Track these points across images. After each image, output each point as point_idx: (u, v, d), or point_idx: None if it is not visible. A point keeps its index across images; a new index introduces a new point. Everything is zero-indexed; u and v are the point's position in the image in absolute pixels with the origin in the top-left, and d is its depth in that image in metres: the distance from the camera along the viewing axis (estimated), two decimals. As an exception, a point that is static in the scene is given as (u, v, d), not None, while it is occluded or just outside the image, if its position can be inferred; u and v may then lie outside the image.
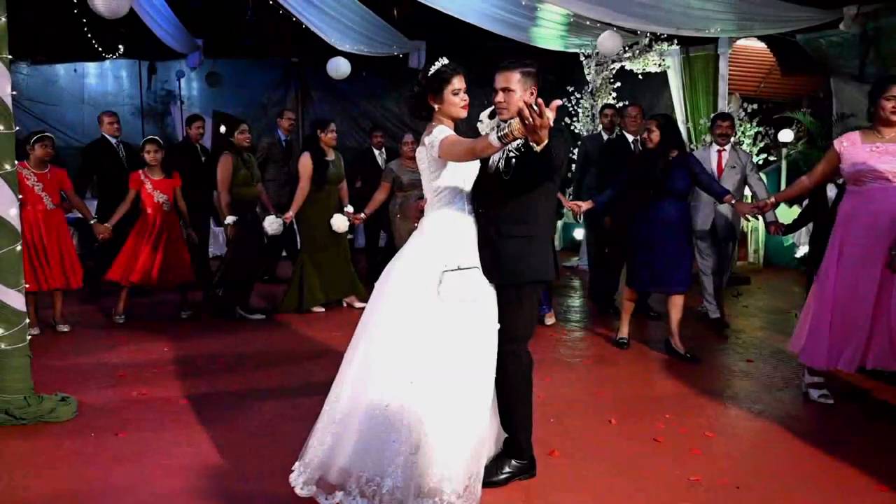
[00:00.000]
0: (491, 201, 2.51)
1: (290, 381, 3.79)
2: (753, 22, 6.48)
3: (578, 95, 7.71)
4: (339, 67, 7.81)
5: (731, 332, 4.85)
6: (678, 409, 3.35)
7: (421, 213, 2.64)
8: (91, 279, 5.55)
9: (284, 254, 6.72)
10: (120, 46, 7.90)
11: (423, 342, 2.31)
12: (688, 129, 7.32)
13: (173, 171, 5.09)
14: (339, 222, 5.17)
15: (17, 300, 3.20)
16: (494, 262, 2.46)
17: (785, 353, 4.33)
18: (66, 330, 4.80)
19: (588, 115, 7.64)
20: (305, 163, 5.06)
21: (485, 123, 2.68)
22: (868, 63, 6.58)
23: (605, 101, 7.51)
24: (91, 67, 9.67)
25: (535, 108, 1.98)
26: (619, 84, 7.59)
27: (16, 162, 4.43)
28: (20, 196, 4.38)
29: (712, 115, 5.85)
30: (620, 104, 7.63)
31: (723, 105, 7.00)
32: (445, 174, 2.46)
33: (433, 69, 2.47)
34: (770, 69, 8.18)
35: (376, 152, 6.75)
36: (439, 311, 2.34)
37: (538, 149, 2.14)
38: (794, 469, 2.73)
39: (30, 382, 3.24)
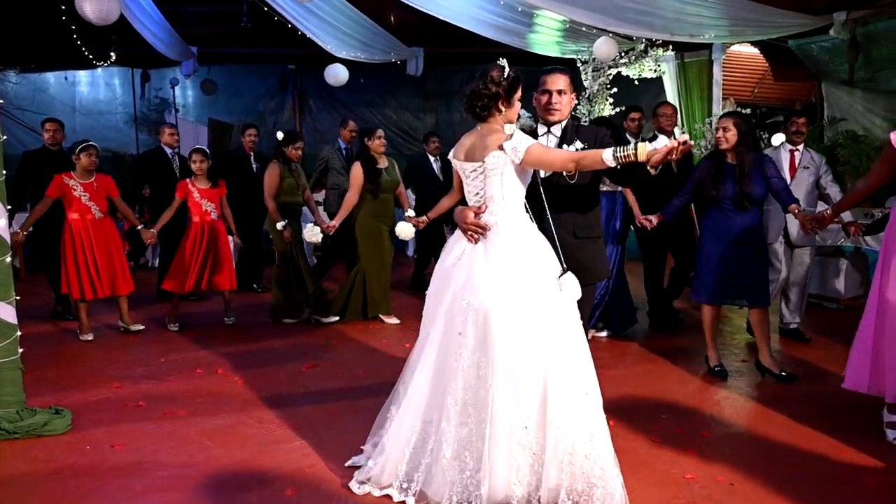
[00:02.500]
0: (561, 206, 2.64)
1: (290, 389, 3.76)
2: (746, 28, 6.54)
3: (576, 101, 7.73)
4: (337, 74, 7.78)
5: (727, 333, 4.86)
6: (674, 410, 3.38)
7: (475, 217, 2.49)
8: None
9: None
10: (112, 54, 7.85)
11: (579, 352, 2.38)
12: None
13: (220, 179, 5.20)
14: (404, 230, 5.07)
15: (7, 313, 3.15)
16: (575, 263, 2.53)
17: (778, 354, 4.34)
18: (140, 329, 4.97)
19: (585, 122, 7.66)
20: (356, 173, 5.01)
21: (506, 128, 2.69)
22: (858, 68, 6.66)
23: (602, 106, 7.53)
24: (82, 75, 9.61)
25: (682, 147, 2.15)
26: (615, 90, 7.63)
27: (62, 173, 4.66)
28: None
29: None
30: (618, 109, 7.68)
31: (717, 110, 7.05)
32: (520, 180, 2.49)
33: (508, 73, 2.45)
34: (763, 74, 8.26)
35: (431, 159, 6.57)
36: (565, 318, 2.40)
37: (654, 172, 2.29)
38: (787, 466, 2.76)
39: (22, 396, 3.19)
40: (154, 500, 2.53)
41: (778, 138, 7.04)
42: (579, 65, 7.74)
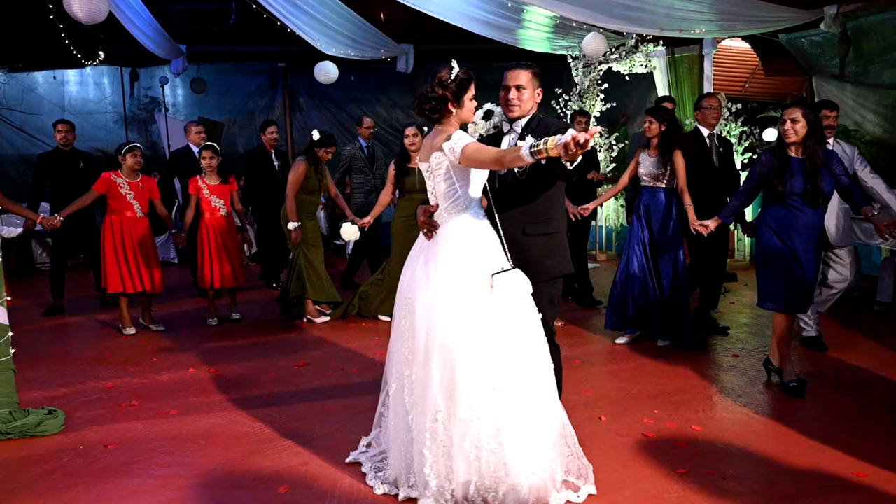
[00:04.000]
0: (510, 203, 2.59)
1: (283, 387, 3.76)
2: (736, 22, 6.54)
3: (567, 97, 7.74)
4: (328, 72, 7.75)
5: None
6: (666, 405, 3.40)
7: (429, 217, 2.56)
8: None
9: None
10: (100, 53, 7.79)
11: (493, 348, 2.37)
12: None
13: (231, 175, 5.26)
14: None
15: (-1, 313, 3.14)
16: (523, 261, 2.53)
17: (770, 349, 4.36)
18: (161, 329, 5.02)
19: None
20: (389, 171, 5.02)
21: (478, 125, 2.68)
22: (848, 62, 6.67)
23: (592, 102, 7.53)
24: (71, 75, 9.54)
25: (581, 141, 1.99)
26: (606, 85, 7.64)
27: (110, 171, 4.81)
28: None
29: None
30: (609, 105, 7.68)
31: (708, 105, 7.05)
32: (462, 179, 2.48)
33: (456, 74, 2.45)
34: (754, 69, 8.28)
35: None
36: (497, 315, 2.39)
37: (570, 167, 2.21)
38: (777, 459, 2.78)
39: (15, 396, 3.18)
40: (148, 499, 2.53)
41: (770, 133, 7.08)
42: (570, 61, 7.74)
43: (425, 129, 5.22)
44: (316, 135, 5.09)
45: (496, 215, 2.58)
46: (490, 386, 2.33)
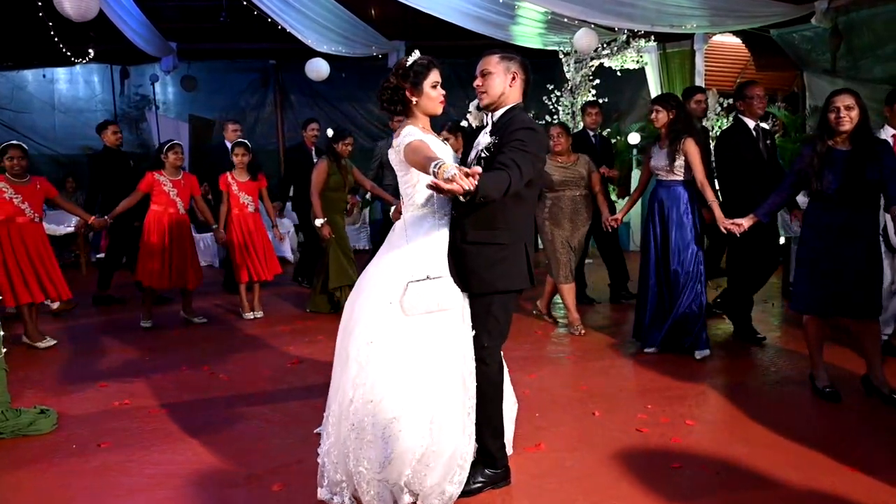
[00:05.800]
0: (458, 203, 2.31)
1: (276, 385, 3.75)
2: (727, 18, 6.58)
3: (559, 93, 7.75)
4: (319, 69, 7.74)
5: (711, 323, 4.87)
6: (659, 400, 3.40)
7: (396, 211, 2.58)
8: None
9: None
10: (90, 50, 7.74)
11: (393, 356, 2.27)
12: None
13: (259, 172, 5.33)
14: None
15: (-9, 312, 3.13)
16: (460, 269, 2.36)
17: (762, 344, 4.39)
18: (203, 321, 5.16)
19: (568, 113, 7.67)
20: None
21: (472, 115, 2.66)
22: (839, 57, 6.71)
23: (584, 98, 7.54)
24: (61, 73, 9.48)
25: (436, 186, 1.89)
26: (598, 81, 7.65)
27: (153, 170, 4.91)
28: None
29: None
30: (601, 101, 7.70)
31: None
32: (417, 176, 2.34)
33: (411, 61, 2.38)
34: (745, 64, 8.32)
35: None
36: (408, 322, 2.29)
37: (463, 199, 1.96)
38: (769, 454, 2.79)
39: (7, 396, 3.16)
40: (141, 498, 2.52)
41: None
42: (562, 56, 7.75)
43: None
44: (330, 132, 5.18)
45: (446, 219, 2.41)
46: (367, 399, 2.26)
